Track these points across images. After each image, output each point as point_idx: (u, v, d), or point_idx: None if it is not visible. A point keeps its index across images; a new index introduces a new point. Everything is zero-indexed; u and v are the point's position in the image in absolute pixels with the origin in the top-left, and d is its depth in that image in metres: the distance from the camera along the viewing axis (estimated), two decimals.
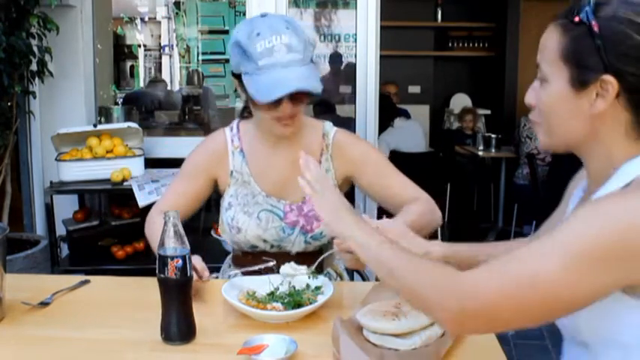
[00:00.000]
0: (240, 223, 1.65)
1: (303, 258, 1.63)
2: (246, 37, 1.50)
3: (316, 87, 1.51)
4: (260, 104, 1.52)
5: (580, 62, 0.99)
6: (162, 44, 8.07)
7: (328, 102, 3.87)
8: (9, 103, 2.94)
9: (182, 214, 1.66)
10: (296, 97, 1.51)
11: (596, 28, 0.96)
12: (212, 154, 1.70)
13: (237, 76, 1.57)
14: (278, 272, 1.51)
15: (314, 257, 1.63)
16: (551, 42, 1.03)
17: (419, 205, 1.60)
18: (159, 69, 7.93)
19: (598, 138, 1.02)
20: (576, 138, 1.05)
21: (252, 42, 1.48)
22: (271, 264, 1.55)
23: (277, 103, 1.50)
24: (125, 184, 2.96)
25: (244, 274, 1.62)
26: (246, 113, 1.73)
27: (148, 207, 2.77)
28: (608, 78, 0.96)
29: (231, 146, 1.69)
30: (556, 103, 1.03)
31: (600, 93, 0.97)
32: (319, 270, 1.55)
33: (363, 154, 1.68)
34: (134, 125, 3.12)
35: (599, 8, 0.98)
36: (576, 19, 0.98)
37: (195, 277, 1.44)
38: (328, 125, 1.71)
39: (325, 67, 3.98)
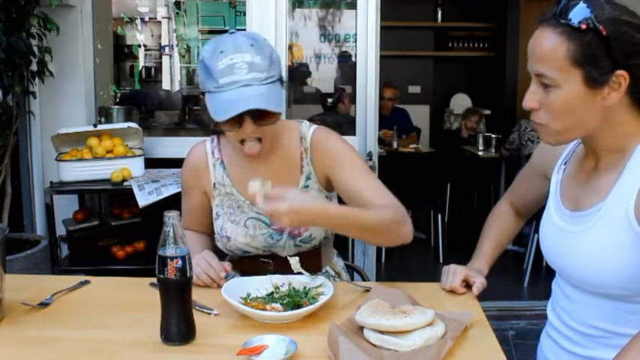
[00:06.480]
0: (229, 232, 1.66)
1: (300, 258, 1.62)
2: (210, 54, 1.47)
3: (275, 106, 1.44)
4: (221, 124, 1.48)
5: (594, 64, 1.10)
6: (162, 44, 8.05)
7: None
8: (9, 104, 2.94)
9: (205, 225, 1.74)
10: (260, 116, 1.45)
11: (604, 32, 1.08)
12: (195, 170, 1.70)
13: (203, 94, 1.52)
14: (275, 272, 1.55)
15: (310, 257, 1.65)
16: (557, 50, 1.12)
17: (386, 211, 1.48)
18: (159, 69, 7.92)
19: (611, 123, 1.16)
20: (591, 128, 1.18)
21: (214, 60, 1.45)
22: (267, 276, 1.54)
23: (239, 122, 1.46)
24: (125, 184, 2.96)
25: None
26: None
27: (148, 207, 2.80)
28: (621, 72, 1.10)
29: (212, 159, 1.68)
30: (572, 104, 1.14)
31: (613, 87, 1.11)
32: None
33: (339, 152, 1.61)
34: (134, 125, 3.12)
35: (596, 13, 1.09)
36: (583, 26, 1.09)
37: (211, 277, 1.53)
38: (305, 126, 1.65)
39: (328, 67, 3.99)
